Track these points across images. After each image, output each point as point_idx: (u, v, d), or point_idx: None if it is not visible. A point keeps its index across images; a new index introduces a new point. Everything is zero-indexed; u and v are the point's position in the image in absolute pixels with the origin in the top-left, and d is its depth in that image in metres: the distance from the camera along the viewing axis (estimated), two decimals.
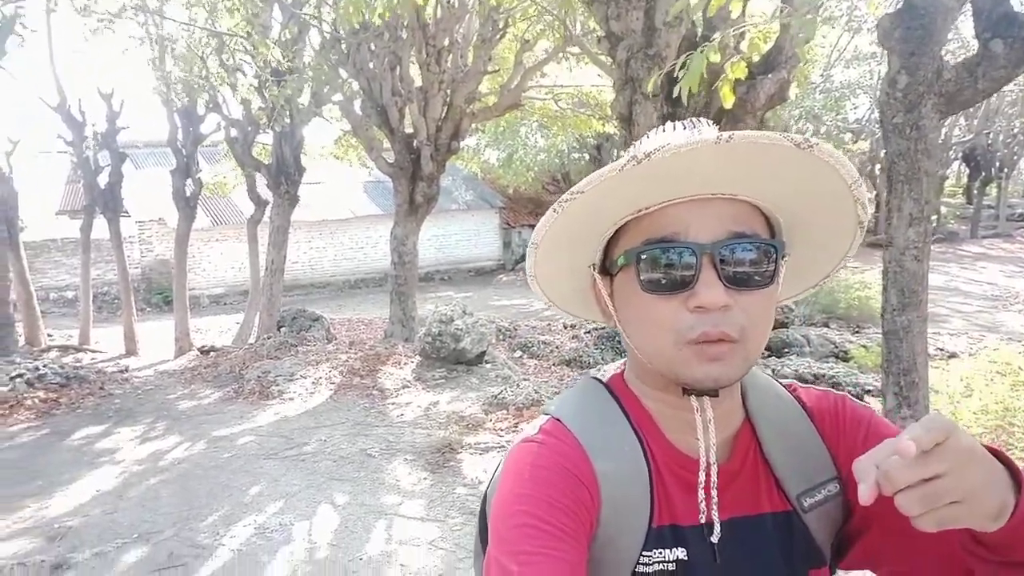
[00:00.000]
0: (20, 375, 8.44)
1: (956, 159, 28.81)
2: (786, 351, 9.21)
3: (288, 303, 13.91)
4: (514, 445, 0.88)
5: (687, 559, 0.83)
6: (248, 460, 5.97)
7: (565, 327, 11.97)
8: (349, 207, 22.30)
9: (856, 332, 10.54)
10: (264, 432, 6.76)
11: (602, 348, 10.28)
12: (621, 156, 0.81)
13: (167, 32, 10.30)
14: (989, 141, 25.92)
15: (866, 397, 6.31)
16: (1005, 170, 27.24)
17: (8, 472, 5.94)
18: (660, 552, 0.82)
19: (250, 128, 11.61)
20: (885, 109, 3.22)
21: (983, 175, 27.18)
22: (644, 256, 0.80)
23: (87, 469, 5.95)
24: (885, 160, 3.44)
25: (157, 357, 11.57)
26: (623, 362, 0.97)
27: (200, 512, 4.91)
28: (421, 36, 9.38)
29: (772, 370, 7.77)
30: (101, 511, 5.01)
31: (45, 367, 8.94)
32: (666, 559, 0.82)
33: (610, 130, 15.87)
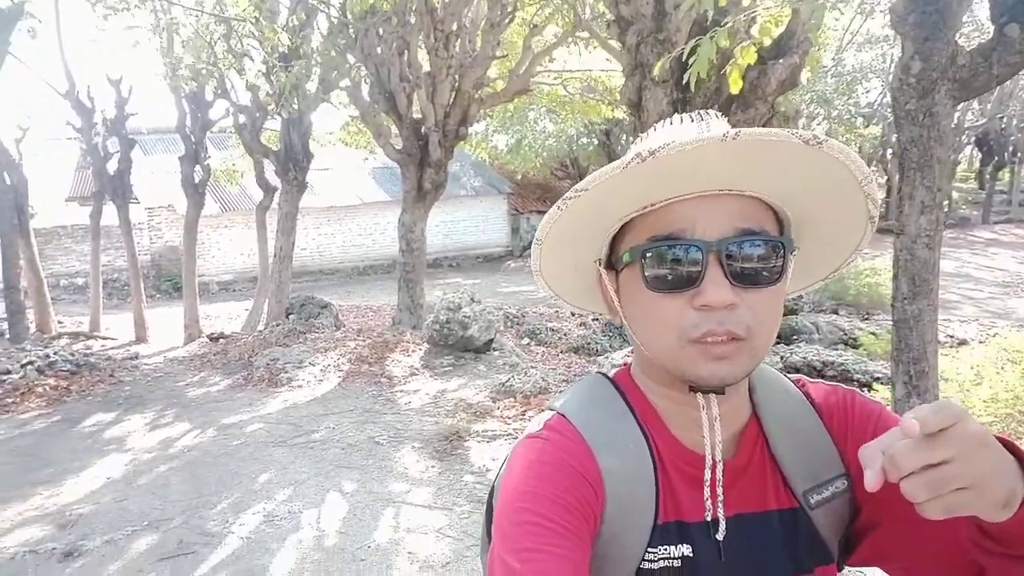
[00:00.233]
0: (31, 362, 8.50)
1: (968, 144, 28.59)
2: (795, 338, 9.18)
3: (297, 290, 13.94)
4: (519, 441, 0.88)
5: (692, 556, 0.82)
6: (257, 448, 6.00)
7: (573, 314, 11.98)
8: (357, 193, 22.32)
9: (865, 319, 10.50)
10: (273, 419, 6.80)
11: (610, 336, 10.28)
12: (630, 142, 0.80)
13: (175, 18, 10.27)
14: (1002, 125, 25.70)
15: (875, 385, 6.27)
16: (1018, 155, 27.00)
17: (19, 459, 5.99)
18: (665, 548, 0.82)
19: (258, 114, 11.60)
20: (898, 95, 3.17)
21: (996, 160, 26.97)
22: (649, 253, 0.79)
23: (97, 456, 5.99)
24: (897, 147, 3.40)
25: (167, 344, 11.63)
26: (630, 350, 0.96)
27: (209, 500, 4.94)
28: (429, 21, 9.33)
29: (781, 357, 7.74)
30: (111, 498, 5.05)
31: (56, 354, 9.01)
32: (671, 556, 0.82)
33: (619, 116, 15.81)
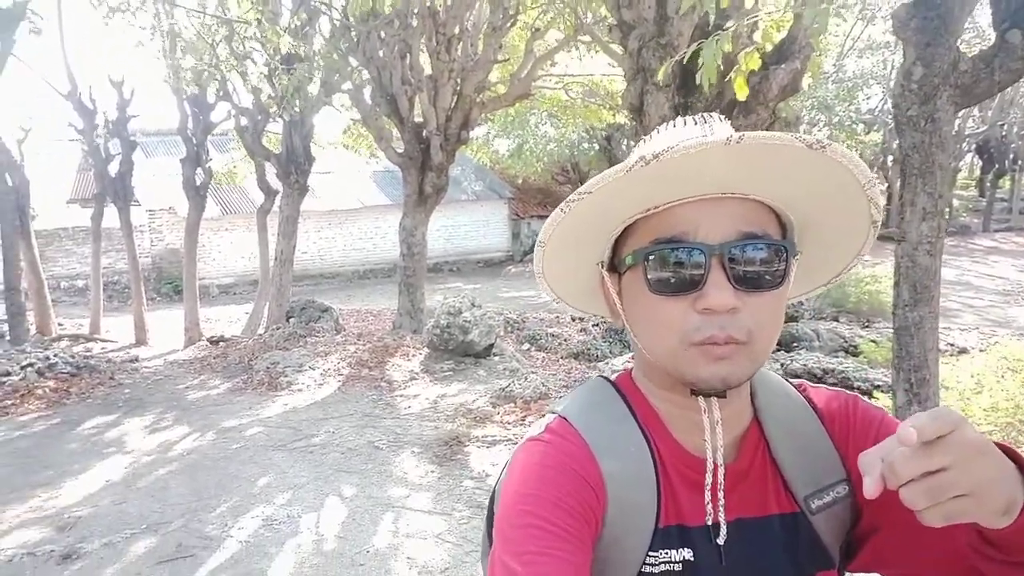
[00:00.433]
0: (31, 364, 8.50)
1: (969, 151, 28.57)
2: (795, 345, 9.16)
3: (297, 293, 13.94)
4: (520, 444, 0.88)
5: (693, 560, 0.82)
6: (256, 451, 5.99)
7: (573, 320, 11.96)
8: (358, 197, 22.32)
9: (866, 326, 10.47)
10: (273, 423, 6.79)
11: (610, 341, 10.27)
12: (632, 147, 0.79)
13: (177, 20, 10.28)
14: (1003, 133, 25.68)
15: (875, 392, 6.26)
16: (1019, 163, 26.98)
17: (18, 461, 5.98)
18: (666, 553, 0.82)
19: (260, 117, 11.60)
20: (900, 101, 3.17)
21: (996, 167, 26.96)
22: (652, 256, 0.79)
23: (97, 459, 5.99)
24: (899, 153, 3.40)
25: (167, 347, 11.61)
26: (630, 356, 0.96)
27: (208, 503, 4.93)
28: (431, 24, 9.35)
29: (781, 364, 7.73)
30: (110, 501, 5.04)
31: (56, 356, 9.00)
32: (672, 560, 0.82)
33: (621, 120, 15.82)
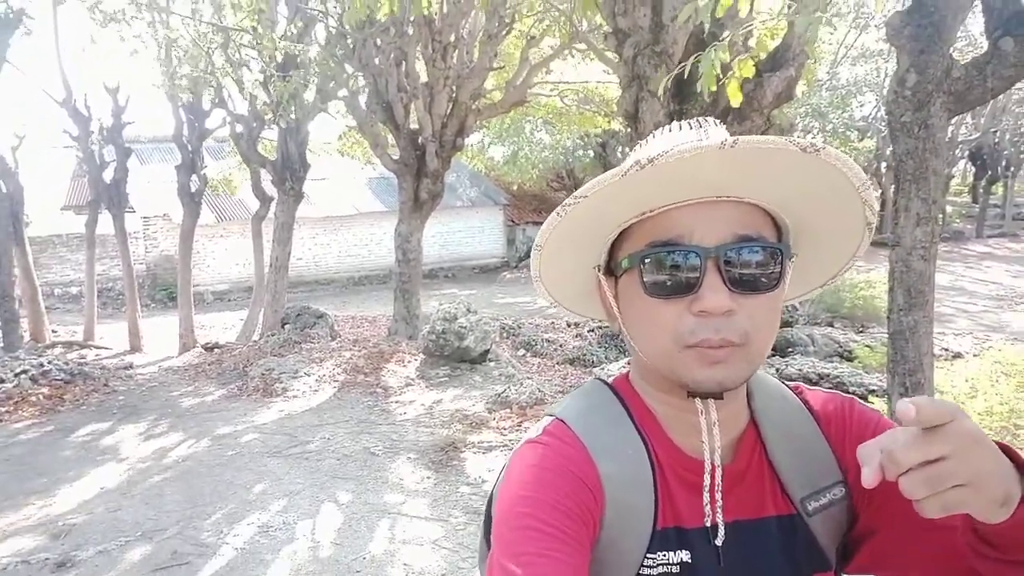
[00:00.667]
0: (24, 371, 8.45)
1: (962, 158, 28.71)
2: (790, 350, 9.18)
3: (292, 300, 13.92)
4: (518, 446, 0.88)
5: (691, 562, 0.82)
6: (252, 458, 5.97)
7: (569, 325, 11.97)
8: (354, 204, 22.30)
9: (860, 331, 10.50)
10: (268, 430, 6.77)
11: (606, 347, 10.27)
12: (627, 154, 0.80)
13: (173, 27, 10.28)
14: (996, 140, 25.82)
15: (870, 397, 6.27)
16: (1011, 169, 27.13)
17: (12, 469, 5.95)
18: (664, 554, 0.82)
19: (255, 124, 11.61)
20: (893, 108, 3.19)
21: (989, 174, 27.08)
22: (648, 259, 0.80)
23: (91, 466, 5.96)
24: (893, 159, 3.42)
25: (161, 353, 11.57)
26: (626, 361, 0.97)
27: (204, 510, 4.91)
28: (427, 32, 9.37)
29: (776, 369, 7.74)
30: (105, 509, 5.02)
31: (49, 363, 8.96)
32: (670, 561, 0.82)
33: (615, 127, 15.85)
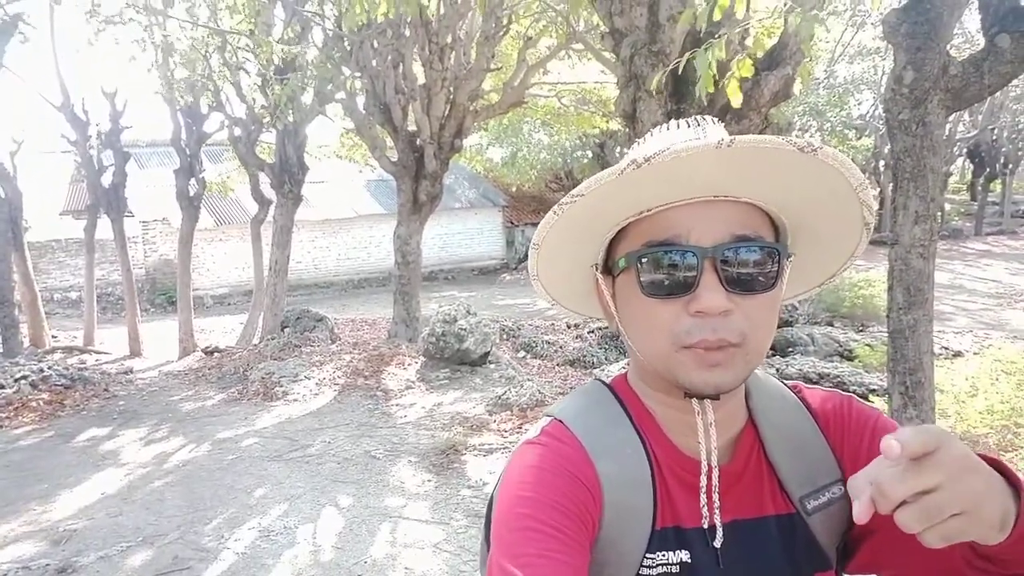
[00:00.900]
0: (24, 377, 8.45)
1: (960, 155, 28.72)
2: (790, 350, 9.18)
3: (292, 303, 13.91)
4: (517, 447, 0.88)
5: (690, 562, 0.82)
6: (252, 462, 5.97)
7: (569, 327, 11.96)
8: (352, 206, 22.30)
9: (860, 331, 10.49)
10: (268, 434, 6.76)
11: (606, 348, 10.27)
12: (625, 154, 0.79)
13: (170, 31, 10.28)
14: (994, 137, 25.86)
15: (871, 396, 6.27)
16: (1009, 166, 27.12)
17: (13, 474, 5.94)
18: (664, 554, 0.82)
19: (253, 127, 11.58)
20: (891, 105, 3.18)
21: (987, 171, 27.09)
22: (645, 259, 0.79)
23: (92, 471, 5.95)
24: (891, 157, 3.41)
25: (161, 358, 11.57)
26: (626, 362, 0.96)
27: (204, 515, 4.90)
28: (424, 33, 9.37)
29: (776, 369, 7.74)
30: (105, 514, 5.01)
31: (49, 368, 8.95)
32: (669, 561, 0.82)
33: (614, 128, 15.87)
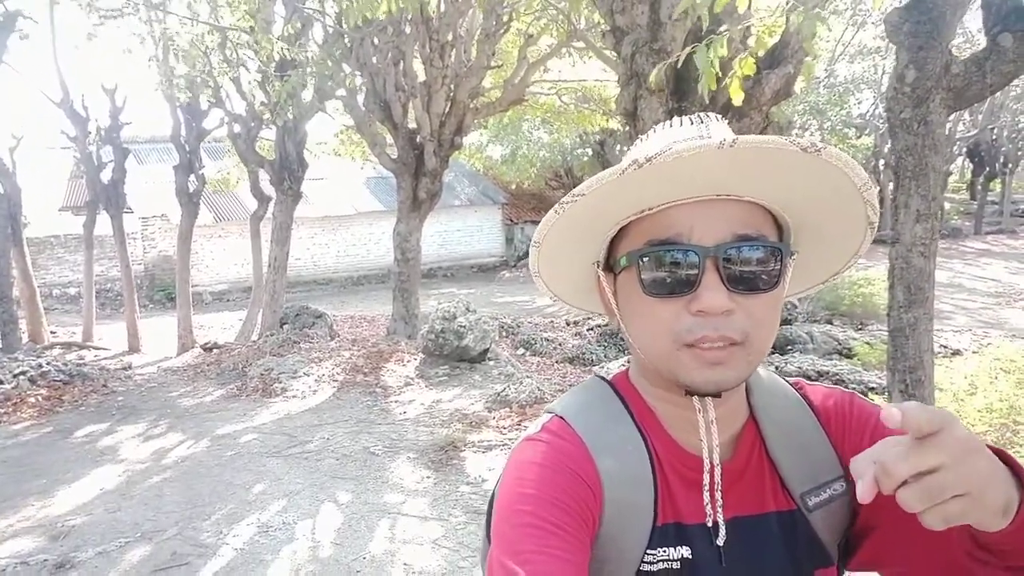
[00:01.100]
0: (23, 372, 8.44)
1: (960, 155, 28.71)
2: (789, 348, 9.19)
3: (291, 300, 13.91)
4: (517, 444, 0.87)
5: (691, 558, 0.82)
6: (251, 458, 5.97)
7: (568, 324, 11.96)
8: (352, 203, 22.30)
9: (860, 329, 10.50)
10: (267, 430, 6.76)
11: (605, 345, 10.27)
12: (625, 153, 0.79)
13: (170, 27, 10.26)
14: (993, 136, 25.86)
15: (870, 395, 6.27)
16: (1009, 166, 27.13)
17: (11, 470, 5.94)
18: (665, 550, 0.82)
19: (253, 124, 11.58)
20: (893, 104, 3.18)
21: (987, 171, 27.09)
22: (646, 258, 0.79)
23: (90, 467, 5.95)
24: (892, 156, 3.41)
25: (160, 354, 11.57)
26: (625, 360, 0.96)
27: (203, 511, 4.90)
28: (424, 31, 9.36)
29: (776, 367, 7.75)
30: (104, 509, 5.01)
31: (48, 364, 8.95)
32: (671, 557, 0.82)
33: (614, 126, 15.84)
